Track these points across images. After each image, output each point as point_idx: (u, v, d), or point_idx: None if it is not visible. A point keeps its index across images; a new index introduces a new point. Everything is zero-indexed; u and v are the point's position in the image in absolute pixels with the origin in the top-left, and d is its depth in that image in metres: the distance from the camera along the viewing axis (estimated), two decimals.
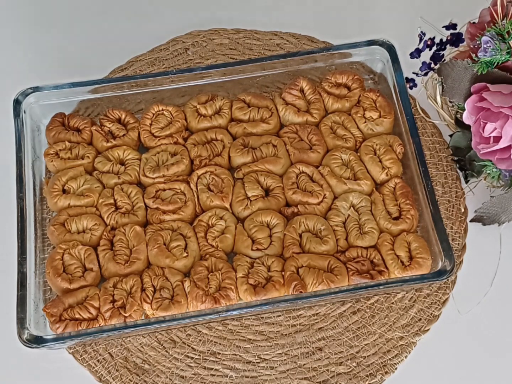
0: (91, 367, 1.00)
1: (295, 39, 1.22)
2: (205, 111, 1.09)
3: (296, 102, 1.09)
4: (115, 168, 1.06)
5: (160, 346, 1.01)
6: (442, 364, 1.00)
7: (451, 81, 0.99)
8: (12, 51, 1.25)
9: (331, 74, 1.11)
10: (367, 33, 1.13)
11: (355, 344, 1.00)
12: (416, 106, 1.13)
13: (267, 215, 1.01)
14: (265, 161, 1.05)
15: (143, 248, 0.99)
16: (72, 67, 1.21)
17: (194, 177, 1.05)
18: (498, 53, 0.94)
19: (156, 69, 1.20)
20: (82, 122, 1.08)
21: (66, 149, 1.06)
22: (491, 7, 0.97)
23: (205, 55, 1.21)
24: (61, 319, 0.94)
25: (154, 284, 0.97)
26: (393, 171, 1.04)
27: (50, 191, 1.03)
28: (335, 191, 1.04)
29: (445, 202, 1.08)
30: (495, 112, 0.93)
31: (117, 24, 1.25)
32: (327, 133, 1.07)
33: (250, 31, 1.23)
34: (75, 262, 0.98)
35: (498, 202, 1.01)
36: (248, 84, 1.12)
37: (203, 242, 1.00)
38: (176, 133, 1.08)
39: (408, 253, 0.98)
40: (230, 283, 0.96)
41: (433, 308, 1.02)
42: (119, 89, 1.09)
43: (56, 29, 1.26)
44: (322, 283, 0.95)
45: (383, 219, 1.00)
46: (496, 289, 1.03)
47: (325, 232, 1.00)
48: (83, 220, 1.01)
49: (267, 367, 0.99)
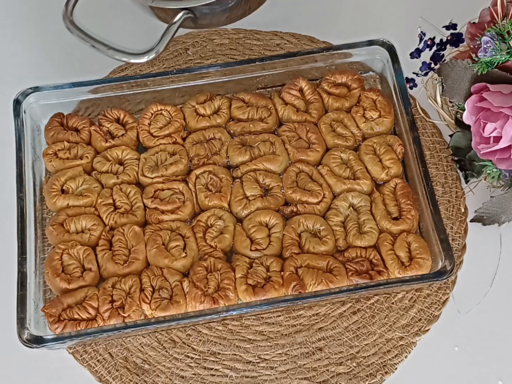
0: (91, 367, 1.00)
1: (295, 39, 1.22)
2: (204, 111, 1.09)
3: (295, 102, 1.09)
4: (114, 168, 1.06)
5: (160, 346, 1.01)
6: (442, 364, 1.00)
7: (451, 81, 0.99)
8: (12, 51, 1.25)
9: (330, 74, 1.11)
10: (367, 33, 1.13)
11: (355, 344, 1.00)
12: (416, 106, 1.13)
13: (266, 215, 1.01)
14: (263, 159, 1.05)
15: (142, 248, 0.99)
16: (72, 67, 1.21)
17: (193, 177, 1.05)
18: (498, 53, 0.94)
19: (156, 69, 1.20)
20: (80, 122, 1.08)
21: (64, 149, 1.06)
22: (491, 7, 0.97)
23: (205, 55, 1.21)
24: (60, 319, 0.94)
25: (153, 284, 0.97)
26: (393, 171, 1.04)
27: (49, 191, 1.03)
28: (335, 191, 1.04)
29: (445, 202, 1.08)
30: (495, 112, 0.93)
31: (117, 24, 1.25)
32: (326, 131, 1.07)
33: (250, 31, 1.23)
34: (74, 262, 0.98)
35: (498, 202, 1.01)
36: (248, 84, 1.12)
37: (201, 242, 1.00)
38: (174, 133, 1.08)
39: (408, 253, 0.98)
40: (229, 283, 0.96)
41: (433, 308, 1.02)
42: (119, 89, 1.09)
43: (56, 29, 1.25)
44: (321, 283, 0.95)
45: (383, 219, 1.00)
46: (496, 289, 1.03)
47: (325, 232, 1.00)
48: (82, 220, 1.01)
49: (267, 367, 0.99)
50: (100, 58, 1.18)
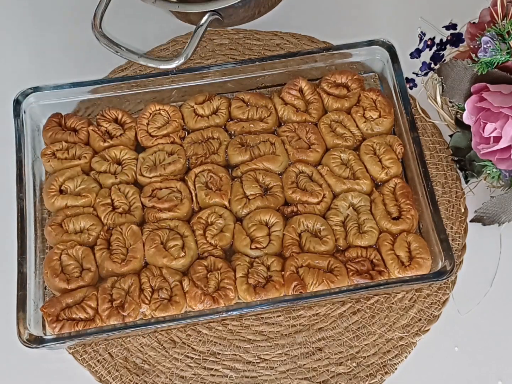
0: (91, 367, 1.00)
1: (295, 39, 1.22)
2: (203, 111, 1.09)
3: (295, 102, 1.09)
4: (112, 168, 1.06)
5: (160, 346, 1.01)
6: (442, 364, 1.00)
7: (451, 81, 0.99)
8: (12, 51, 1.25)
9: (330, 74, 1.11)
10: (367, 33, 1.13)
11: (355, 344, 1.00)
12: (416, 106, 1.13)
13: (266, 214, 1.01)
14: (263, 159, 1.05)
15: (140, 246, 0.99)
16: (72, 67, 1.21)
17: (192, 175, 1.05)
18: (498, 53, 0.94)
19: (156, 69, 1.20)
20: (79, 122, 1.08)
21: (63, 150, 1.06)
22: (491, 7, 0.97)
23: (205, 55, 1.21)
24: (58, 319, 0.94)
25: (152, 285, 0.97)
26: (392, 171, 1.04)
27: (47, 192, 1.03)
28: (335, 191, 1.04)
29: (445, 202, 1.08)
30: (495, 112, 0.93)
31: (117, 24, 1.25)
32: (326, 131, 1.07)
33: (250, 31, 1.23)
34: (73, 263, 0.98)
35: (498, 202, 1.01)
36: (248, 84, 1.12)
37: (202, 240, 1.00)
38: (173, 133, 1.08)
39: (408, 253, 0.98)
40: (229, 283, 0.96)
41: (433, 308, 1.02)
42: (119, 89, 1.09)
43: (56, 29, 1.26)
44: (322, 284, 0.95)
45: (383, 219, 1.00)
46: (496, 289, 1.03)
47: (325, 232, 1.00)
48: (80, 220, 1.01)
49: (267, 367, 0.99)
50: (100, 58, 1.18)
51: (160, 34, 1.23)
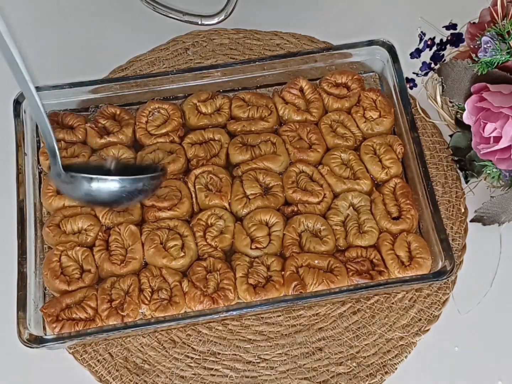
0: (91, 367, 1.00)
1: (295, 39, 1.22)
2: (205, 109, 1.09)
3: (295, 101, 1.09)
4: None
5: (160, 346, 1.01)
6: (442, 364, 1.00)
7: (451, 81, 0.99)
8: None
9: (330, 74, 1.11)
10: (367, 33, 1.13)
11: (355, 344, 1.00)
12: (416, 106, 1.13)
13: (266, 214, 1.01)
14: (264, 158, 1.05)
15: (139, 247, 0.99)
16: (72, 67, 1.21)
17: (192, 177, 1.05)
18: (498, 53, 0.94)
19: (156, 69, 1.20)
20: (75, 120, 1.08)
21: (61, 148, 1.05)
22: (491, 7, 0.97)
23: (205, 55, 1.21)
24: (58, 319, 0.94)
25: (151, 285, 0.97)
26: (393, 171, 1.04)
27: (45, 192, 1.03)
28: (335, 191, 1.04)
29: (445, 202, 1.08)
30: (495, 112, 0.93)
31: (117, 24, 1.25)
32: (327, 131, 1.07)
33: (250, 31, 1.23)
34: (72, 264, 0.98)
35: (498, 202, 1.01)
36: (248, 84, 1.12)
37: (202, 241, 1.00)
38: (172, 132, 1.08)
39: (408, 253, 0.98)
40: (229, 283, 0.96)
41: (433, 308, 1.02)
42: (119, 89, 1.09)
43: (56, 29, 1.25)
44: (322, 283, 0.95)
45: (383, 219, 1.00)
46: (496, 289, 1.03)
47: (325, 232, 1.00)
48: (78, 220, 1.01)
49: (267, 367, 0.99)
50: (100, 58, 1.18)
51: (160, 34, 1.23)
